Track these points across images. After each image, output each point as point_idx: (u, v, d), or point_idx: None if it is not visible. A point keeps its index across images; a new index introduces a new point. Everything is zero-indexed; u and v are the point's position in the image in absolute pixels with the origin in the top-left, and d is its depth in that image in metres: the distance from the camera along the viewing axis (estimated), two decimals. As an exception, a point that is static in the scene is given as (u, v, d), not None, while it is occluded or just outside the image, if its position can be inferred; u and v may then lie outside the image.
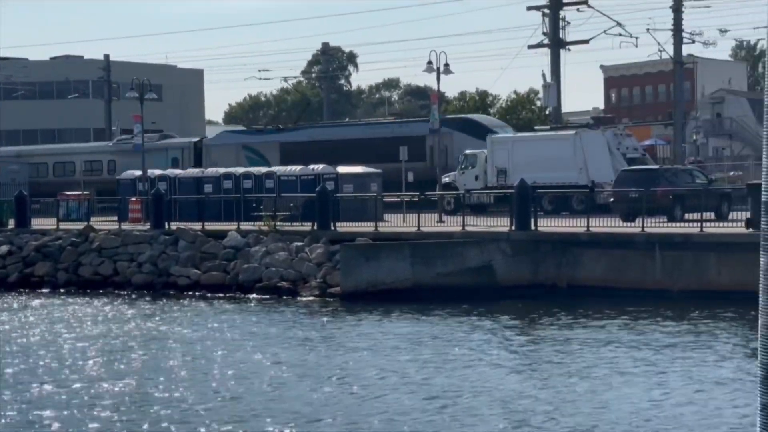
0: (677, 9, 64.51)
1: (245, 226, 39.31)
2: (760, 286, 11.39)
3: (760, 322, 11.25)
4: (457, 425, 16.27)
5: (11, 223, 44.53)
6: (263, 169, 48.59)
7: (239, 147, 61.73)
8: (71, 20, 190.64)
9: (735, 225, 32.05)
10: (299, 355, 23.07)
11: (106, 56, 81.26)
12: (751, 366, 17.42)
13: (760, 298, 11.21)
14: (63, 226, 43.85)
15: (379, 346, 24.20)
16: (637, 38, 61.65)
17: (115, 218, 44.26)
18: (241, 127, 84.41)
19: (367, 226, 36.76)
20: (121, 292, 36.27)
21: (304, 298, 33.01)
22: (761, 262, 11.50)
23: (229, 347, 24.28)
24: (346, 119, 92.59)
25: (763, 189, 11.32)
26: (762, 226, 11.36)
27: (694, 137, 75.66)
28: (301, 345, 24.46)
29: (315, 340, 25.27)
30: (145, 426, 16.55)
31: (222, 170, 49.35)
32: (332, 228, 36.55)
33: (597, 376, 19.98)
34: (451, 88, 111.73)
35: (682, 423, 16.17)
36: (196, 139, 67.46)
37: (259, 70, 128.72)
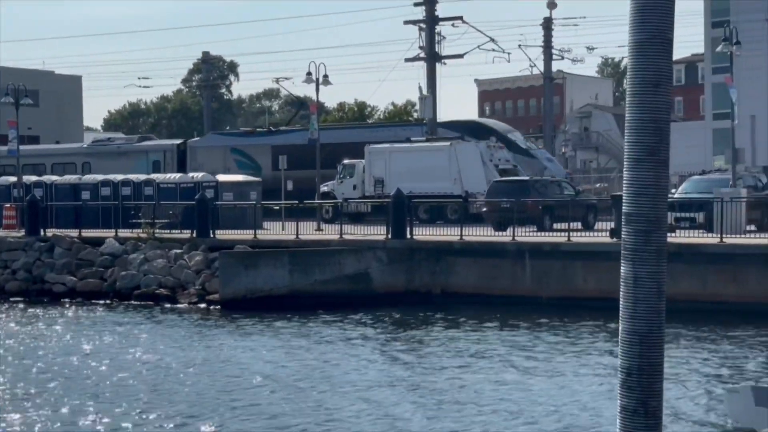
0: (547, 26, 66.08)
1: (123, 233, 38.66)
2: (621, 293, 11.79)
3: (620, 327, 11.65)
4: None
5: None
6: (142, 177, 47.99)
7: (227, 150, 59.31)
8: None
9: (600, 234, 32.83)
10: (168, 357, 23.03)
11: (-18, 61, 79.31)
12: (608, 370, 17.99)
13: (620, 305, 11.62)
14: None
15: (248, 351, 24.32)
16: (509, 53, 62.75)
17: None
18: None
19: (246, 234, 36.59)
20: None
21: (183, 305, 32.68)
22: (622, 271, 11.91)
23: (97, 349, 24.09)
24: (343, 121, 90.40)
25: (624, 200, 11.72)
26: (623, 236, 11.80)
27: (563, 150, 77.37)
28: (173, 347, 24.45)
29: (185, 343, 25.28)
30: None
31: (100, 177, 48.55)
32: (211, 236, 36.26)
33: (468, 378, 20.38)
34: (330, 98, 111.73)
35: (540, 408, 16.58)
36: (179, 141, 63.96)
37: (139, 78, 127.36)
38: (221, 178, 45.74)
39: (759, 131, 59.19)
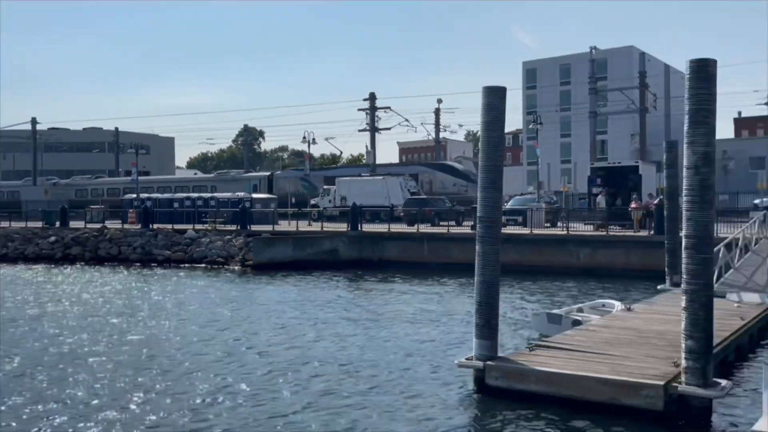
0: (437, 112, 66.48)
1: (198, 227, 38.30)
2: (476, 260, 11.86)
3: (476, 279, 11.65)
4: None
5: (57, 224, 42.49)
6: (207, 195, 47.48)
7: (298, 179, 55.24)
8: (95, 102, 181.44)
9: (466, 228, 33.14)
10: (229, 294, 22.88)
11: (116, 128, 77.88)
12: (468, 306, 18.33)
13: (476, 267, 11.65)
14: (90, 225, 42.12)
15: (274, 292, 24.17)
16: (416, 127, 64.06)
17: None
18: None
19: (268, 227, 36.45)
20: (123, 265, 34.70)
21: (232, 267, 32.37)
22: (477, 248, 11.93)
23: (187, 292, 23.86)
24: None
25: (478, 209, 11.68)
26: (477, 228, 11.78)
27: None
28: (231, 287, 24.32)
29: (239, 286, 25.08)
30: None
31: (183, 195, 47.97)
32: (248, 228, 36.03)
33: (391, 305, 20.49)
34: (316, 151, 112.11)
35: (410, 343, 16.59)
36: (268, 173, 60.53)
37: (207, 138, 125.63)
38: (254, 195, 45.38)
39: (552, 172, 60.49)
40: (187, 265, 33.63)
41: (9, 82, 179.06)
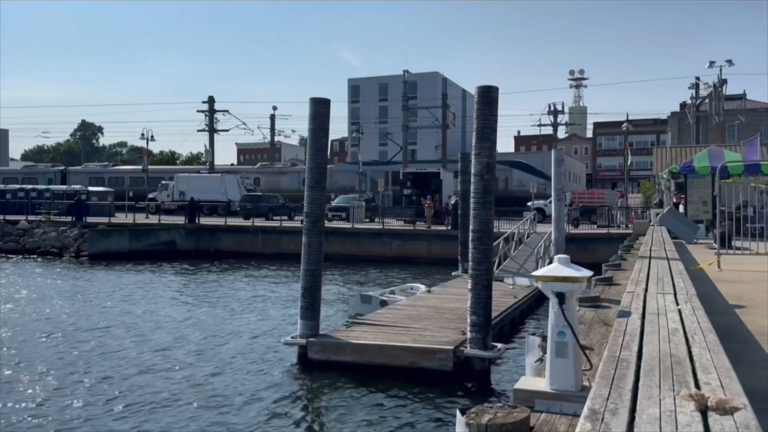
0: (272, 117, 65.53)
1: (32, 218, 34.19)
2: (303, 251, 11.73)
3: (302, 267, 11.52)
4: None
5: None
6: (41, 186, 42.68)
7: (355, 174, 45.94)
8: None
9: (297, 222, 32.99)
10: (63, 283, 20.73)
11: None
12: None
13: (302, 256, 11.58)
14: None
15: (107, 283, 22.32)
16: (252, 130, 62.67)
17: None
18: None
19: (104, 220, 33.58)
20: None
21: (67, 258, 29.39)
22: (303, 239, 11.79)
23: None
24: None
25: (305, 205, 11.61)
26: (304, 223, 11.72)
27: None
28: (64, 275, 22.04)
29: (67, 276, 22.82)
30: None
31: (17, 186, 42.67)
32: (83, 220, 32.93)
33: (223, 286, 19.90)
34: (155, 148, 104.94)
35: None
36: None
37: (43, 132, 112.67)
38: (90, 188, 41.57)
39: (372, 175, 61.77)
40: (19, 255, 30.04)
41: None
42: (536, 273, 4.25)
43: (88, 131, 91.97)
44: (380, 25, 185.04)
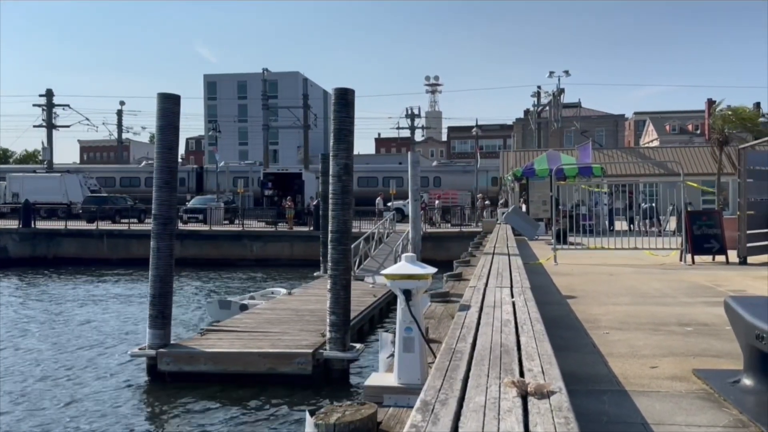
0: (119, 113, 61.03)
1: None
2: (151, 255, 11.02)
3: (150, 273, 10.85)
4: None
5: None
6: None
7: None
8: None
9: (149, 225, 31.04)
10: None
11: None
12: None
13: (150, 263, 10.87)
14: None
15: None
16: (97, 127, 58.41)
17: None
18: None
19: None
20: None
21: None
22: (152, 244, 11.06)
23: None
24: None
25: (153, 207, 10.96)
26: (153, 225, 10.94)
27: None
28: None
29: None
30: None
31: None
32: None
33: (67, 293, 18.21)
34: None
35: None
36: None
37: None
38: None
39: (231, 175, 60.06)
40: None
41: None
42: (384, 272, 4.35)
43: None
44: (238, 22, 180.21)
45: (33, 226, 29.28)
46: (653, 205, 20.16)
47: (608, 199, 20.40)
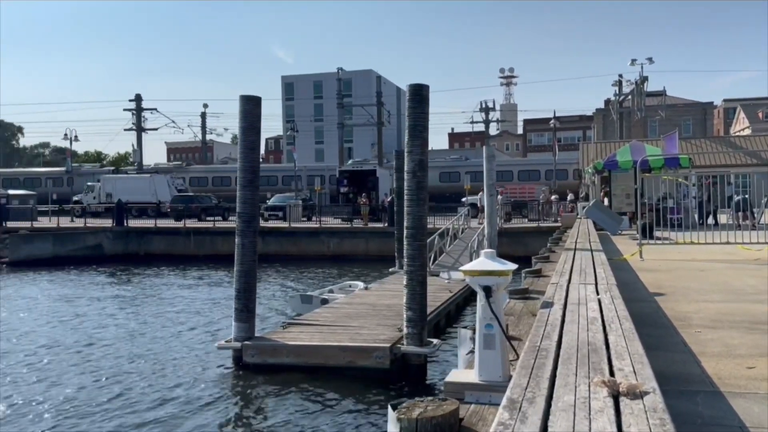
0: (203, 115, 63.81)
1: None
2: (236, 251, 11.52)
3: (235, 269, 11.31)
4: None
5: None
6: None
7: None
8: None
9: (231, 222, 32.34)
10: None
11: None
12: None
13: (236, 257, 11.31)
14: None
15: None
16: (182, 129, 61.47)
17: None
18: None
19: (26, 224, 31.84)
20: None
21: (-17, 265, 27.72)
22: (236, 240, 11.54)
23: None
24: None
25: (237, 205, 11.18)
26: (237, 223, 11.45)
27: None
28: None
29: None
30: None
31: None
32: (3, 225, 31.13)
33: (155, 287, 19.25)
34: (80, 148, 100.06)
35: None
36: None
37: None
38: (11, 191, 39.26)
39: (308, 173, 61.51)
40: None
41: None
42: (464, 268, 4.33)
43: (6, 132, 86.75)
44: (313, 23, 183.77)
45: (125, 224, 31.12)
46: (746, 197, 18.94)
47: (697, 191, 19.36)
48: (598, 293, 4.49)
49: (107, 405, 9.13)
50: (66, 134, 47.21)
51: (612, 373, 2.47)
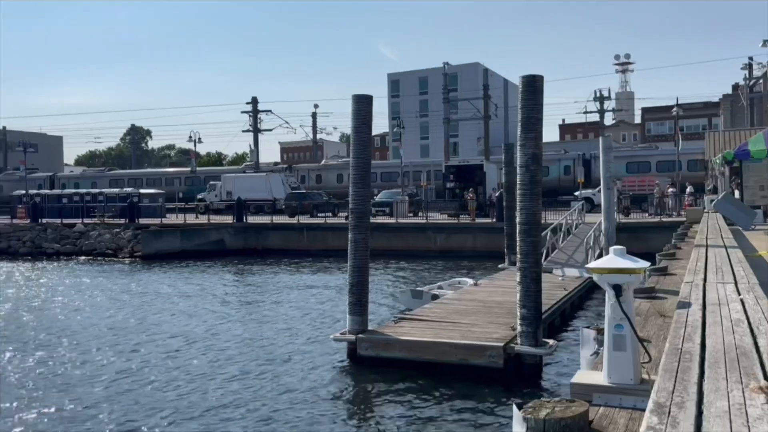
0: (314, 115, 66.07)
1: (87, 221, 35.61)
2: (349, 247, 11.87)
3: (349, 263, 11.57)
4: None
5: None
6: (95, 190, 44.19)
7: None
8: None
9: (341, 219, 33.29)
10: (118, 284, 21.47)
11: (4, 127, 70.93)
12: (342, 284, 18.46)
13: (349, 252, 11.64)
14: None
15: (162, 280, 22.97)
16: (295, 129, 63.71)
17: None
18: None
19: (156, 221, 34.66)
20: (13, 259, 31.62)
21: (122, 259, 30.44)
22: (349, 236, 11.94)
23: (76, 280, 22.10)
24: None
25: (350, 202, 11.67)
26: (350, 219, 11.81)
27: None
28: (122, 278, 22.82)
29: (126, 275, 23.56)
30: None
31: (72, 191, 44.37)
32: (136, 221, 34.07)
33: (274, 280, 20.20)
34: (202, 149, 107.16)
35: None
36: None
37: (95, 138, 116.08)
38: (142, 190, 42.82)
39: (413, 169, 61.80)
40: (77, 257, 31.29)
41: None
42: (591, 265, 4.17)
43: (137, 135, 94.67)
44: (417, 18, 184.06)
45: (245, 221, 32.92)
46: None
47: None
48: (739, 293, 4.16)
49: (225, 391, 9.72)
50: (190, 136, 50.72)
51: (767, 379, 2.29)
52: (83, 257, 31.17)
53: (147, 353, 12.21)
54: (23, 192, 43.65)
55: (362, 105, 11.09)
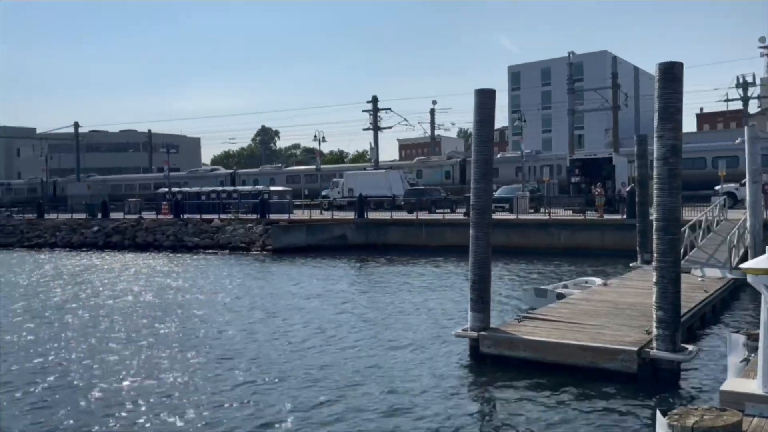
0: (432, 112, 66.25)
1: (224, 216, 38.32)
2: (471, 243, 11.76)
3: (470, 260, 11.58)
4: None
5: (99, 215, 42.71)
6: (230, 188, 47.41)
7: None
8: (130, 106, 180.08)
9: (459, 215, 33.15)
10: (253, 275, 22.92)
11: (149, 130, 78.32)
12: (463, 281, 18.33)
13: (470, 249, 11.56)
14: (127, 217, 42.29)
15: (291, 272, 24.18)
16: (413, 126, 64.25)
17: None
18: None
19: (284, 216, 36.52)
20: (158, 251, 34.83)
21: (254, 252, 32.42)
22: (471, 233, 11.85)
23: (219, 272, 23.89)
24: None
25: (471, 197, 11.59)
26: (471, 215, 11.68)
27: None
28: (257, 270, 24.34)
29: (259, 267, 25.07)
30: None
31: (209, 188, 47.91)
32: (266, 217, 36.09)
33: (394, 277, 20.56)
34: (326, 148, 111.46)
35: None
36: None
37: (229, 138, 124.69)
38: (272, 187, 45.30)
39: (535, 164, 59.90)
40: (213, 250, 33.75)
41: (54, 89, 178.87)
42: (745, 265, 3.84)
43: (266, 136, 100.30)
44: (539, 8, 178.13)
45: (366, 217, 33.78)
46: None
47: None
48: None
49: (348, 384, 9.99)
50: (315, 136, 52.90)
51: None
52: (219, 251, 33.57)
53: (282, 345, 12.90)
54: (167, 190, 47.85)
55: (485, 99, 10.96)
